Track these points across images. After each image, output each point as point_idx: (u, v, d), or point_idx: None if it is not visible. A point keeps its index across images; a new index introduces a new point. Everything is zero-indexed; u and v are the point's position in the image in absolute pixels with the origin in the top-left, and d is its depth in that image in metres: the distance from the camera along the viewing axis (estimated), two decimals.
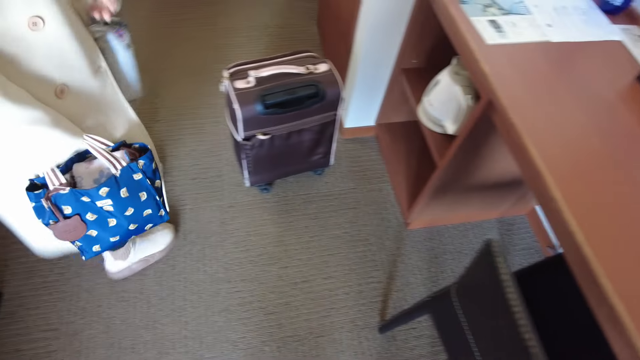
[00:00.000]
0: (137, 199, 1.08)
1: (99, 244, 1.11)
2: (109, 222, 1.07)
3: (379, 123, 1.82)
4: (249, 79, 1.27)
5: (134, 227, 1.13)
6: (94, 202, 0.99)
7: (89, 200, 0.99)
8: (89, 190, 0.97)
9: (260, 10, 2.34)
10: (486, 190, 1.49)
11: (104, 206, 1.02)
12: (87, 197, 0.98)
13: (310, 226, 1.60)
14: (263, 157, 1.44)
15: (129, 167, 1.02)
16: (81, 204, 0.99)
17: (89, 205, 1.00)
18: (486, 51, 1.03)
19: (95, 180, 1.01)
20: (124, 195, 1.04)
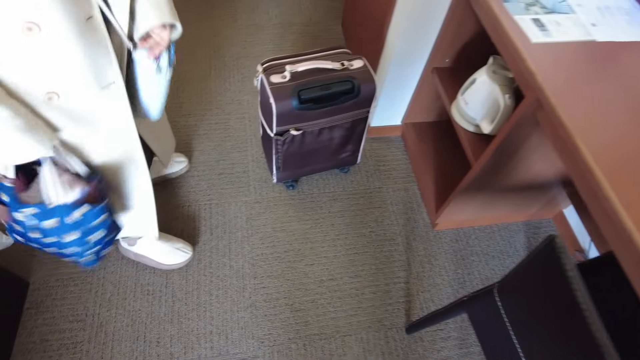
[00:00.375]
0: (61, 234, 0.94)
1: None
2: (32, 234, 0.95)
3: (406, 122, 1.80)
4: (285, 74, 1.26)
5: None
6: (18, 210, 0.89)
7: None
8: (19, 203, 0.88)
9: (284, 8, 2.34)
10: (517, 192, 1.47)
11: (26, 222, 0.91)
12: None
13: (336, 224, 1.59)
14: (293, 153, 1.43)
15: (66, 206, 0.89)
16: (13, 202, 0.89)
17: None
18: (532, 50, 1.02)
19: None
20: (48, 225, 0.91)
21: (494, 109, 1.27)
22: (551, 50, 1.03)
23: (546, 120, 0.98)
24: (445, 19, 1.37)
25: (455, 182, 1.64)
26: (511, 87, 1.24)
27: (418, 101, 1.69)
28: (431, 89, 1.62)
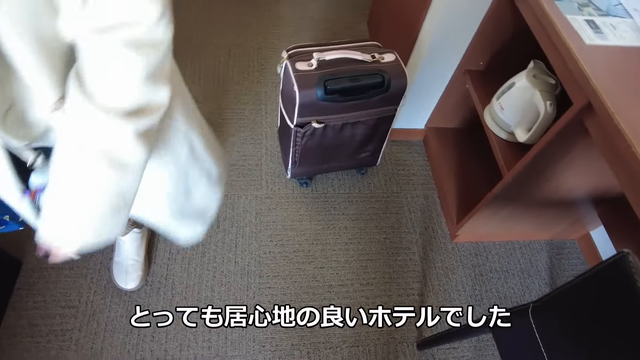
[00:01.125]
0: None
1: None
2: None
3: (429, 127, 1.72)
4: (312, 62, 1.19)
5: None
6: None
7: None
8: None
9: (310, 2, 2.27)
10: (544, 208, 1.38)
11: None
12: None
13: (350, 227, 1.50)
14: (312, 148, 1.35)
15: None
16: None
17: None
18: (585, 51, 0.93)
19: None
20: None
21: (532, 116, 1.19)
22: (606, 53, 0.94)
23: (598, 127, 0.89)
24: (484, 18, 1.29)
25: (477, 193, 1.54)
26: (553, 94, 1.15)
27: (444, 105, 1.60)
28: (460, 92, 1.54)
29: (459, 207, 1.53)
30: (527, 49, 1.34)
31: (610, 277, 0.57)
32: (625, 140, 0.79)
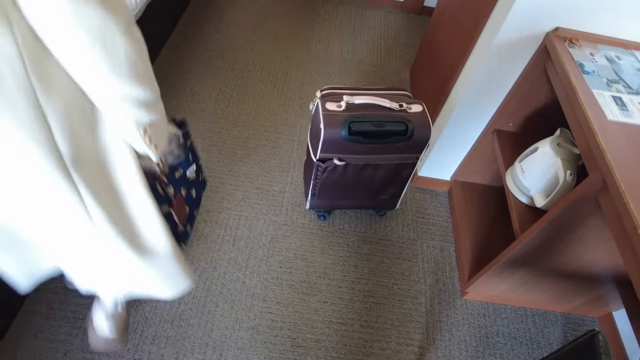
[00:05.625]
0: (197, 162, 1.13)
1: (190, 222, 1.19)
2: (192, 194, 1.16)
3: (455, 179, 1.72)
4: (341, 103, 1.25)
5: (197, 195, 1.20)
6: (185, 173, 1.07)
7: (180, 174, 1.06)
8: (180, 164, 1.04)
9: (358, 45, 2.38)
10: (561, 279, 1.33)
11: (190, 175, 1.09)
12: (179, 171, 1.05)
13: (360, 267, 1.52)
14: (332, 183, 1.40)
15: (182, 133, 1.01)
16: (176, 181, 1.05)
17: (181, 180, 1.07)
18: (605, 126, 0.94)
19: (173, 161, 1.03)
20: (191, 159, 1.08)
21: (552, 183, 1.18)
22: (628, 131, 0.94)
23: (609, 204, 0.88)
24: (517, 81, 1.31)
25: (495, 253, 1.52)
26: (575, 164, 1.15)
27: (472, 160, 1.61)
28: (488, 150, 1.55)
29: (472, 264, 1.50)
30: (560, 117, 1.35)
31: (582, 355, 0.56)
32: (632, 220, 0.78)
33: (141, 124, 0.74)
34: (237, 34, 2.31)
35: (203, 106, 1.92)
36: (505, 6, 1.16)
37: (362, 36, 2.45)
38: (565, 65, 1.06)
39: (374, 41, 2.43)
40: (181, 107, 1.90)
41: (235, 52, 2.21)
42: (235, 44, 2.25)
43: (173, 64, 2.08)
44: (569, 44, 1.14)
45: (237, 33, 2.31)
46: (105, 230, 0.79)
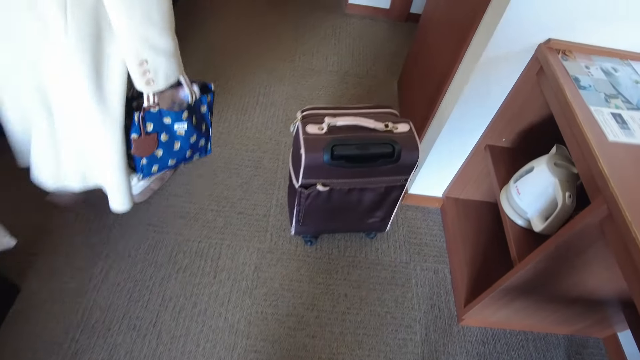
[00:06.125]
0: (199, 129, 1.25)
1: (158, 165, 1.21)
2: (175, 145, 1.20)
3: (448, 196, 1.65)
4: (322, 125, 1.17)
5: (189, 154, 1.27)
6: (172, 124, 1.15)
7: (169, 122, 1.14)
8: (172, 113, 1.13)
9: (344, 56, 2.30)
10: (563, 304, 1.25)
11: (178, 130, 1.18)
12: (169, 118, 1.14)
13: (350, 295, 1.43)
14: (316, 209, 1.32)
15: (201, 98, 1.21)
16: (161, 124, 1.13)
17: (167, 127, 1.15)
18: (607, 149, 0.86)
19: (168, 107, 1.13)
20: (194, 123, 1.21)
21: (550, 205, 1.10)
22: (631, 153, 0.87)
23: (615, 234, 0.80)
24: (509, 95, 1.24)
25: (492, 276, 1.44)
26: (574, 185, 1.07)
27: (465, 176, 1.53)
28: (481, 166, 1.47)
29: (469, 288, 1.42)
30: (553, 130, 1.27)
31: None
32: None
33: (142, 58, 0.95)
34: (217, 47, 2.22)
35: None
36: (494, 17, 1.09)
37: (347, 46, 2.37)
38: (560, 80, 0.99)
39: (359, 51, 2.36)
40: None
41: (215, 66, 2.12)
42: (215, 58, 2.17)
43: None
44: (563, 56, 1.07)
45: (217, 47, 2.23)
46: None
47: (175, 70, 1.05)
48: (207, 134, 1.30)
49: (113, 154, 1.11)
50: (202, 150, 1.32)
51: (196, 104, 1.20)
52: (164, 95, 1.10)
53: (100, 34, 0.93)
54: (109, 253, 1.42)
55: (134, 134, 1.10)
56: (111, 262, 1.40)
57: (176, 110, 1.14)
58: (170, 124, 1.15)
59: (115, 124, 1.06)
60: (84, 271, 1.38)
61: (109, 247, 1.44)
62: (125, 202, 1.25)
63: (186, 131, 1.19)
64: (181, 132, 1.18)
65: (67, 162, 1.16)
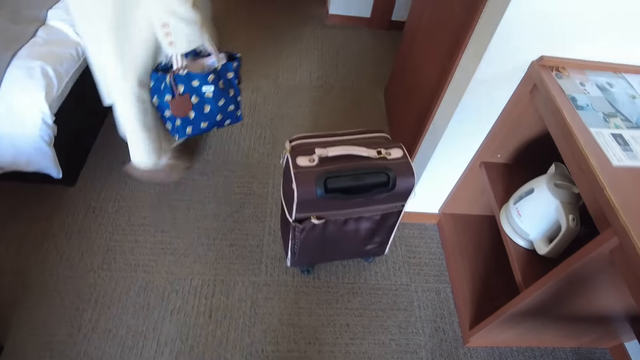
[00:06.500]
0: (227, 94, 1.35)
1: (192, 126, 1.34)
2: (205, 108, 1.32)
3: (444, 212, 1.61)
4: (313, 157, 1.12)
5: (220, 118, 1.38)
6: (200, 86, 1.27)
7: (197, 84, 1.26)
8: (199, 75, 1.25)
9: (328, 69, 2.26)
10: (570, 322, 1.23)
11: (206, 92, 1.29)
12: (197, 80, 1.26)
13: (352, 325, 1.38)
14: (312, 241, 1.27)
15: (227, 65, 1.33)
16: (190, 86, 1.26)
17: (196, 89, 1.27)
18: (612, 175, 0.83)
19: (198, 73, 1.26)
20: (221, 86, 1.31)
21: (553, 227, 1.07)
22: (638, 178, 0.84)
23: (626, 264, 0.77)
24: (503, 113, 1.20)
25: (495, 294, 1.41)
26: (576, 206, 1.04)
27: (460, 193, 1.50)
28: (477, 182, 1.44)
29: (473, 309, 1.39)
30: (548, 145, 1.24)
31: None
32: None
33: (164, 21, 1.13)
34: None
35: None
36: (485, 35, 1.05)
37: (330, 58, 2.33)
38: (557, 102, 0.96)
39: (343, 63, 2.31)
40: None
41: None
42: None
43: None
44: (556, 74, 1.03)
45: None
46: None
47: (198, 37, 1.20)
48: (235, 100, 1.40)
49: (129, 107, 1.29)
50: (233, 116, 1.42)
51: (222, 70, 1.32)
52: (195, 63, 1.28)
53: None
54: (98, 298, 1.36)
55: (168, 95, 1.25)
56: (100, 309, 1.34)
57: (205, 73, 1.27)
58: (198, 86, 1.27)
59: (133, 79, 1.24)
60: (72, 320, 1.31)
61: (97, 292, 1.37)
62: (145, 158, 1.43)
63: (214, 93, 1.30)
64: (209, 94, 1.30)
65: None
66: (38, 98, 1.32)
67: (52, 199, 1.57)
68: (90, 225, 1.52)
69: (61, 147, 1.43)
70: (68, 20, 1.54)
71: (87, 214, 1.55)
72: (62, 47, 1.46)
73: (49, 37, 1.48)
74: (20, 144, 1.35)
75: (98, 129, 1.81)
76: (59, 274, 1.40)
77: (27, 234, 1.47)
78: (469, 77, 1.12)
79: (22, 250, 1.43)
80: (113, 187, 1.63)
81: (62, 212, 1.54)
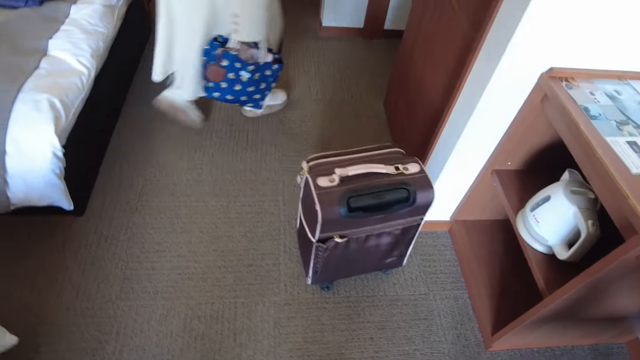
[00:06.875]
0: (258, 85, 1.68)
1: (219, 93, 1.68)
2: (236, 86, 1.64)
3: (456, 219, 1.64)
4: (333, 177, 1.14)
5: (244, 99, 1.72)
6: (240, 69, 1.59)
7: (239, 66, 1.59)
8: (243, 61, 1.58)
9: (326, 82, 2.28)
10: (591, 323, 1.26)
11: (242, 76, 1.61)
12: (239, 63, 1.58)
13: (376, 338, 1.40)
14: (335, 259, 1.28)
15: (269, 64, 1.66)
16: (232, 65, 1.58)
17: (235, 69, 1.59)
18: (633, 184, 0.86)
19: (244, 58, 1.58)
20: (256, 77, 1.65)
21: (572, 233, 1.10)
22: None
23: None
24: (514, 121, 1.23)
25: (514, 298, 1.44)
26: (594, 211, 1.07)
27: (472, 200, 1.53)
28: (489, 189, 1.47)
29: (493, 314, 1.41)
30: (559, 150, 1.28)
31: None
32: None
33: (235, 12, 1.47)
34: None
35: (174, 179, 1.76)
36: (496, 49, 1.08)
37: (327, 71, 2.35)
38: (572, 113, 0.99)
39: (341, 74, 2.34)
40: (150, 184, 1.73)
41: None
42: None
43: (133, 136, 1.91)
44: (566, 84, 1.07)
45: None
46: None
47: (258, 33, 1.52)
48: (263, 92, 1.71)
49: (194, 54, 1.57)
50: (256, 103, 1.75)
51: (264, 66, 1.62)
52: (247, 50, 1.56)
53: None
54: (119, 330, 1.35)
55: (211, 61, 1.56)
56: (123, 340, 1.33)
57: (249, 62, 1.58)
58: (238, 68, 1.58)
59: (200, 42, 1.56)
60: (95, 354, 1.29)
61: (118, 323, 1.36)
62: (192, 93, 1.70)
63: (248, 80, 1.62)
64: (244, 78, 1.60)
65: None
66: (47, 131, 1.31)
67: (62, 230, 1.55)
68: (103, 255, 1.51)
69: (69, 177, 1.42)
70: (69, 49, 1.53)
71: (99, 244, 1.53)
72: (66, 78, 1.45)
73: (53, 68, 1.46)
74: (32, 179, 1.34)
75: (102, 156, 1.80)
76: (76, 307, 1.38)
77: (39, 269, 1.45)
78: (482, 90, 1.15)
79: (36, 286, 1.41)
80: (123, 214, 1.62)
81: (74, 244, 1.52)
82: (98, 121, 1.74)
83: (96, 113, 1.67)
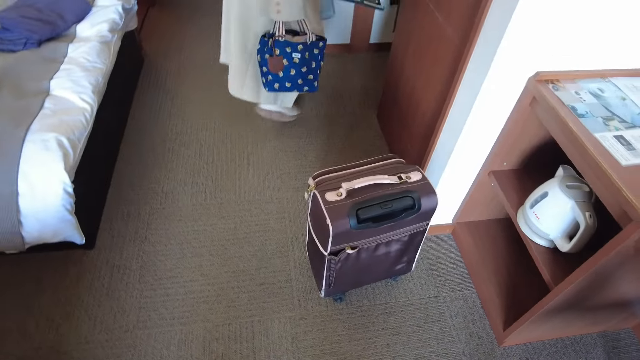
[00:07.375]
0: (310, 65, 1.72)
1: (279, 84, 1.72)
2: (291, 71, 1.69)
3: (458, 222, 1.69)
4: (340, 191, 1.18)
5: (301, 83, 1.74)
6: (291, 52, 1.64)
7: (289, 50, 1.63)
8: (292, 43, 1.63)
9: (319, 98, 2.34)
10: (597, 310, 1.31)
11: (294, 58, 1.66)
12: (289, 47, 1.63)
13: (392, 344, 1.43)
14: (347, 270, 1.32)
15: (315, 42, 1.69)
16: (284, 51, 1.63)
17: (287, 54, 1.64)
18: (624, 175, 0.92)
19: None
20: (306, 57, 1.68)
21: (571, 225, 1.16)
22: None
23: None
24: (506, 125, 1.30)
25: (522, 293, 1.49)
26: (590, 203, 1.13)
27: (472, 202, 1.58)
28: (487, 190, 1.53)
29: (503, 310, 1.46)
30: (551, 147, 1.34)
31: None
32: None
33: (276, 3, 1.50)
34: (194, 114, 2.21)
35: (180, 205, 1.79)
36: (484, 58, 1.15)
37: (320, 88, 2.41)
38: (560, 113, 1.05)
39: (333, 90, 2.40)
40: (157, 212, 1.76)
41: (197, 134, 2.10)
42: (195, 125, 2.15)
43: (135, 163, 1.94)
44: (553, 86, 1.13)
45: (194, 113, 2.21)
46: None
47: (300, 13, 1.55)
48: (315, 72, 1.74)
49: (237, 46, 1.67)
50: (311, 84, 1.76)
51: (311, 45, 1.67)
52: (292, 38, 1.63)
53: None
54: (140, 359, 1.36)
55: (267, 54, 1.62)
56: None
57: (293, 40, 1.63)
58: (289, 52, 1.63)
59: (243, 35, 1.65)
60: None
61: (138, 352, 1.38)
62: (238, 89, 1.80)
63: (300, 60, 1.66)
64: (296, 59, 1.65)
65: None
66: (57, 169, 1.34)
67: (74, 264, 1.57)
68: (117, 285, 1.53)
69: (78, 212, 1.45)
70: (71, 87, 1.58)
71: (112, 275, 1.56)
72: (71, 116, 1.49)
73: (57, 107, 1.50)
74: (45, 217, 1.37)
75: (107, 188, 1.83)
76: (94, 340, 1.40)
77: (55, 304, 1.46)
78: (473, 97, 1.21)
79: (54, 322, 1.42)
80: (133, 244, 1.65)
81: (87, 277, 1.55)
82: (102, 154, 1.78)
83: (99, 146, 1.71)
